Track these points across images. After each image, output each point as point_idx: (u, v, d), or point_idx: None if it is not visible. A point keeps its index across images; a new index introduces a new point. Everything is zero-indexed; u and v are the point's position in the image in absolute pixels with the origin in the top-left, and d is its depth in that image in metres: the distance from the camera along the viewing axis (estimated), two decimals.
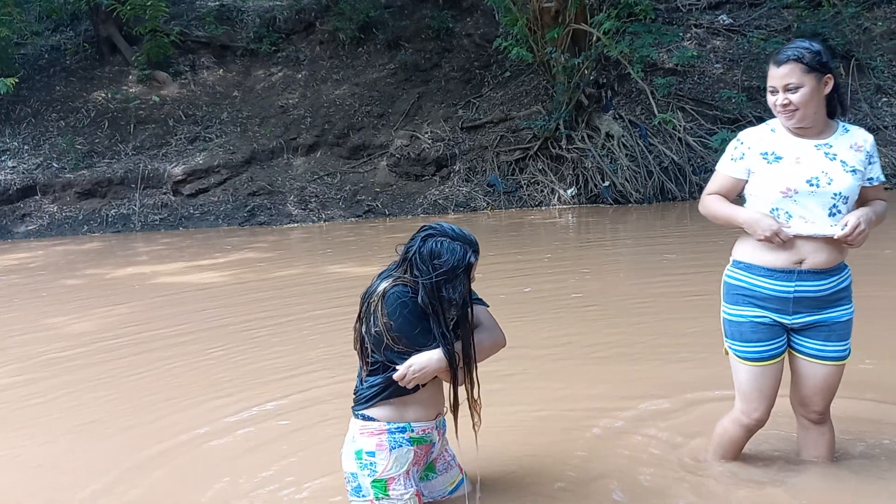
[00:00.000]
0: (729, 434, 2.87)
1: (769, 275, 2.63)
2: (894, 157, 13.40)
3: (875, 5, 15.80)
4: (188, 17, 19.28)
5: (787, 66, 2.54)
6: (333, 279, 7.97)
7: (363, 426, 2.57)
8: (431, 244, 2.49)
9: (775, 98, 2.61)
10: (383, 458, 2.53)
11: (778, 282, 2.63)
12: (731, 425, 2.85)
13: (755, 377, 2.70)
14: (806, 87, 2.53)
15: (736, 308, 2.72)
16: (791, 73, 2.54)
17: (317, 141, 16.43)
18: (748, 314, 2.68)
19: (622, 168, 13.87)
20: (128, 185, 15.75)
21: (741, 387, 2.75)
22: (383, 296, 2.49)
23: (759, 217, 2.59)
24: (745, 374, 2.72)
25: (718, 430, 2.93)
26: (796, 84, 2.54)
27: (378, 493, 2.54)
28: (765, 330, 2.66)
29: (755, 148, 2.70)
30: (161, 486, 3.22)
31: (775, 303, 2.65)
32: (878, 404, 3.50)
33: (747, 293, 2.69)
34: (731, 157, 2.72)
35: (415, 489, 2.56)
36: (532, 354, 4.65)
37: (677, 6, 16.84)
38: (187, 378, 4.75)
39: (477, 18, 18.19)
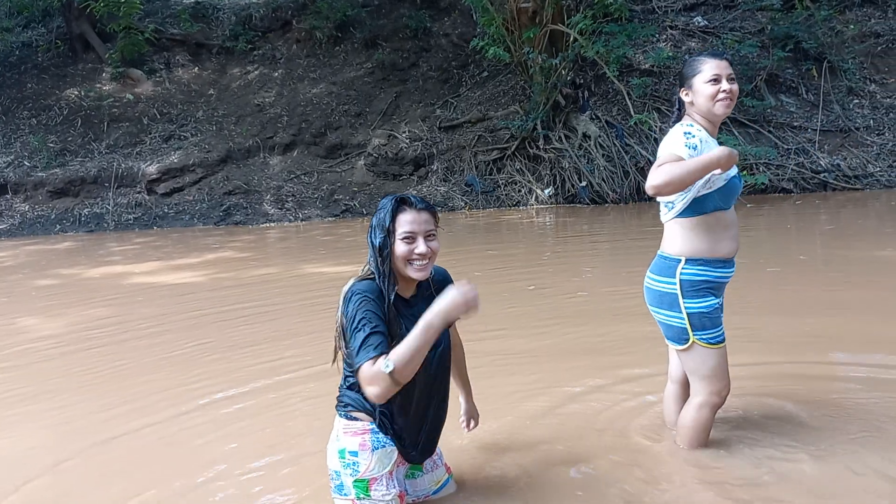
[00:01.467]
0: (704, 419, 3.00)
1: (723, 265, 2.88)
2: (865, 158, 13.60)
3: (847, 8, 16.03)
4: (163, 15, 19.11)
5: (727, 60, 2.87)
6: (311, 279, 7.93)
7: (346, 425, 2.55)
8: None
9: (719, 86, 2.82)
10: (366, 458, 2.51)
11: (729, 269, 2.91)
12: (704, 411, 2.99)
13: (724, 358, 2.93)
14: (737, 84, 2.87)
15: (704, 301, 2.86)
16: (730, 67, 2.87)
17: (293, 140, 16.35)
18: (712, 302, 2.88)
19: (599, 168, 13.95)
20: (101, 183, 15.56)
21: (714, 371, 2.92)
22: (345, 292, 2.52)
23: (723, 149, 2.68)
24: (718, 358, 2.91)
25: (689, 421, 3.02)
26: (734, 77, 2.86)
27: (360, 493, 2.51)
28: (720, 312, 2.94)
29: (707, 142, 2.83)
30: (117, 466, 3.19)
31: (722, 288, 2.94)
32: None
33: (710, 286, 2.87)
34: (686, 143, 2.76)
35: (397, 490, 2.54)
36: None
37: (653, 7, 16.97)
38: (159, 372, 4.71)
39: (454, 18, 18.21)
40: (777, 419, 3.35)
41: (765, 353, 4.26)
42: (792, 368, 4.02)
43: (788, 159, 13.64)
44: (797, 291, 5.93)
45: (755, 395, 3.62)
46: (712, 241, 2.83)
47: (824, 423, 3.27)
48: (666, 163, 2.66)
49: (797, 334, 4.67)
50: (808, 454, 2.97)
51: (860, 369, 4.03)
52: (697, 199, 2.82)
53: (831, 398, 3.58)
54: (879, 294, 5.59)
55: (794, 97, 14.84)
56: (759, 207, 11.77)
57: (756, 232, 9.30)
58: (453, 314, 2.28)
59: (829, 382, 3.89)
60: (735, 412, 3.42)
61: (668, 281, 2.88)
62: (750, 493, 2.73)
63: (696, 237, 2.84)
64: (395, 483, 2.55)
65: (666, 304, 2.91)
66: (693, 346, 2.88)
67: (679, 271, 2.86)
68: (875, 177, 13.30)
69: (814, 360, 4.17)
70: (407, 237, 2.47)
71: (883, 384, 3.71)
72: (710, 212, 2.83)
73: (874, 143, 13.84)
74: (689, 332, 2.87)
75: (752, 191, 12.93)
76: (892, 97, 14.65)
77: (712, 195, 2.81)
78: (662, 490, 2.82)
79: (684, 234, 2.88)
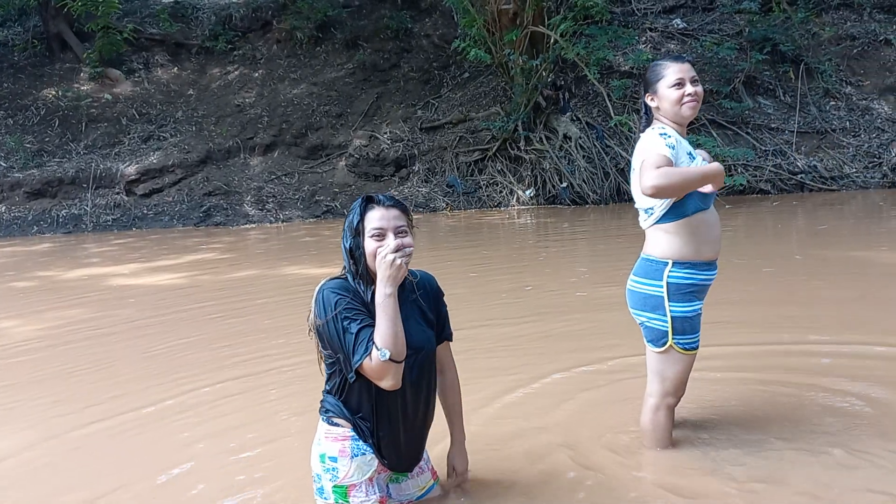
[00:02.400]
0: (662, 420, 3.05)
1: (708, 268, 2.90)
2: (842, 160, 13.78)
3: (823, 11, 16.23)
4: (142, 14, 18.96)
5: (688, 63, 2.90)
6: (291, 280, 7.90)
7: (328, 430, 2.54)
8: None
9: (683, 89, 2.86)
10: (345, 464, 2.50)
11: (712, 272, 2.93)
12: (661, 412, 3.03)
13: (691, 364, 2.97)
14: (700, 85, 2.90)
15: (689, 305, 2.88)
16: (692, 70, 2.89)
17: (274, 140, 16.28)
18: (696, 307, 2.90)
19: (579, 169, 14.02)
20: (79, 184, 15.41)
21: (678, 376, 2.96)
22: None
23: (717, 166, 2.78)
24: (686, 364, 2.95)
25: (649, 423, 3.07)
26: (697, 79, 2.89)
27: (338, 499, 2.51)
28: (700, 318, 2.95)
29: (682, 145, 2.87)
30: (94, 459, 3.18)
31: (706, 291, 2.95)
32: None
33: (695, 289, 2.88)
34: (667, 143, 2.80)
35: (378, 496, 2.52)
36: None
37: (633, 10, 17.08)
38: (137, 370, 4.70)
39: (436, 19, 18.22)
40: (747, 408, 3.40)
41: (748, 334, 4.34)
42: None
43: (766, 160, 13.79)
44: (782, 285, 6.00)
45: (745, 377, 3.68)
46: (698, 244, 2.85)
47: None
48: (661, 165, 2.67)
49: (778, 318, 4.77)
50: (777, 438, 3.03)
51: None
52: (677, 203, 2.84)
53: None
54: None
55: (772, 99, 15.00)
56: (737, 208, 11.89)
57: (734, 232, 9.41)
58: (392, 280, 2.36)
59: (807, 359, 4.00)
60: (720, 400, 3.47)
61: (654, 284, 2.89)
62: (728, 486, 2.77)
63: (681, 240, 2.85)
64: (376, 489, 2.54)
65: (650, 307, 2.91)
66: (669, 349, 2.91)
67: (666, 274, 2.87)
68: (851, 178, 13.48)
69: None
70: (376, 234, 2.44)
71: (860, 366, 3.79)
72: (691, 214, 2.83)
73: (850, 144, 14.03)
74: (668, 336, 2.89)
75: (731, 192, 13.06)
76: (868, 99, 14.85)
77: (692, 197, 2.83)
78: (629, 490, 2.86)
79: (669, 238, 2.88)
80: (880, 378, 3.79)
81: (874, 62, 15.41)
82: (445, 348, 2.75)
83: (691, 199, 2.83)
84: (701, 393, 3.62)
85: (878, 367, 3.97)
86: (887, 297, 5.52)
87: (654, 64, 2.97)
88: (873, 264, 7.02)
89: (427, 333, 2.60)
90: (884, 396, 3.56)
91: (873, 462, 2.90)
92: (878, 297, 5.57)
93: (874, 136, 14.14)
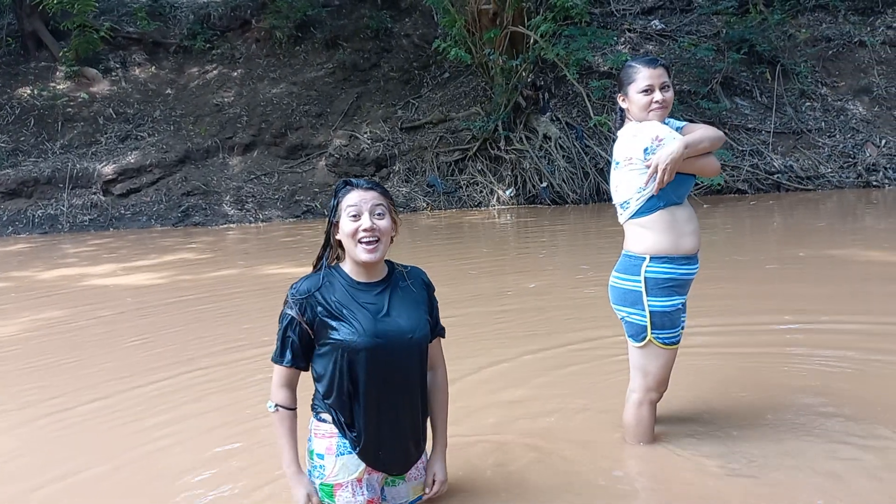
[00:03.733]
0: (645, 416, 3.07)
1: (687, 262, 2.91)
2: (817, 160, 13.95)
3: (799, 13, 16.41)
4: (119, 13, 18.77)
5: (660, 68, 2.92)
6: (271, 280, 7.86)
7: (316, 426, 2.50)
8: None
9: (651, 96, 2.89)
10: (330, 462, 2.45)
11: (692, 266, 2.94)
12: (644, 408, 3.06)
13: (672, 359, 2.99)
14: (671, 89, 2.94)
15: (668, 300, 2.90)
16: (664, 74, 2.92)
17: (253, 140, 16.19)
18: (676, 302, 2.92)
19: (559, 169, 14.08)
20: (55, 184, 15.22)
21: (659, 371, 2.98)
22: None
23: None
24: (666, 358, 2.97)
25: (632, 419, 3.10)
26: (668, 83, 2.92)
27: (325, 497, 2.47)
28: (681, 313, 2.97)
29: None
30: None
31: (687, 286, 2.97)
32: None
33: (674, 284, 2.90)
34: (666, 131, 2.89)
35: (366, 497, 2.45)
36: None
37: (612, 11, 17.17)
38: (112, 371, 4.65)
39: (416, 19, 18.21)
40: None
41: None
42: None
43: (743, 160, 13.93)
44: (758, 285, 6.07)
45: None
46: (675, 237, 2.86)
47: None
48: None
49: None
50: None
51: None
52: (651, 197, 2.87)
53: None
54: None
55: (749, 100, 15.15)
56: (715, 207, 11.99)
57: (712, 231, 9.51)
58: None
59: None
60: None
61: (633, 279, 2.91)
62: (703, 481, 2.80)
63: (658, 234, 2.87)
64: (364, 490, 2.46)
65: (629, 302, 2.94)
66: (648, 344, 2.93)
67: (644, 269, 2.89)
68: (826, 178, 13.65)
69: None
70: (352, 213, 2.43)
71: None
72: (664, 207, 2.86)
73: (825, 144, 14.20)
74: (647, 331, 2.91)
75: (708, 191, 13.19)
76: (843, 100, 15.05)
77: (665, 190, 2.85)
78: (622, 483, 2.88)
79: (645, 232, 2.91)
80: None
81: (849, 63, 15.61)
82: (437, 345, 2.67)
83: (664, 192, 2.85)
84: (680, 386, 3.64)
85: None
86: (867, 291, 5.61)
87: (628, 65, 2.98)
88: (852, 262, 7.11)
89: (421, 318, 2.53)
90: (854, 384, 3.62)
91: (857, 448, 2.94)
92: (858, 291, 5.66)
93: (849, 136, 14.32)
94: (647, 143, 2.82)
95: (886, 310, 5.09)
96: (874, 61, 15.46)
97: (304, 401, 2.55)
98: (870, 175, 13.63)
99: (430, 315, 2.61)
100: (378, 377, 2.42)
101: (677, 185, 2.86)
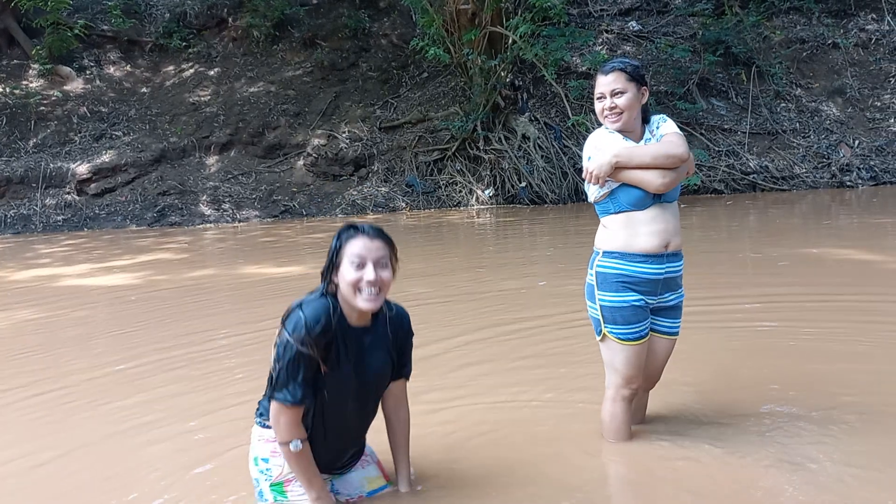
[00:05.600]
0: (619, 412, 3.07)
1: (644, 260, 2.88)
2: (792, 160, 14.12)
3: (774, 15, 16.61)
4: (93, 10, 18.54)
5: (612, 74, 2.87)
6: (249, 281, 7.80)
7: (261, 434, 2.58)
8: None
9: (603, 104, 2.90)
10: (278, 463, 2.55)
11: (652, 266, 2.89)
12: (619, 404, 3.05)
13: (636, 355, 2.95)
14: (629, 93, 2.86)
15: (617, 295, 2.90)
16: (616, 80, 2.87)
17: (230, 139, 16.07)
18: (629, 299, 2.90)
19: (538, 169, 14.13)
20: (28, 184, 15.01)
21: (621, 366, 2.97)
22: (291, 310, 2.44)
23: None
24: (625, 354, 2.94)
25: (607, 415, 3.10)
26: (621, 89, 2.86)
27: (277, 496, 2.57)
28: (641, 312, 2.91)
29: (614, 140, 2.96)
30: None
31: (648, 285, 2.90)
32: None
33: (625, 280, 2.90)
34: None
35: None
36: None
37: (589, 12, 17.28)
38: (87, 373, 4.59)
39: (394, 19, 18.18)
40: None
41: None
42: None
43: (720, 161, 14.07)
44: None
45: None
46: (628, 236, 2.88)
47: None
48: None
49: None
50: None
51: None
52: (606, 201, 2.93)
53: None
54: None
55: (725, 101, 15.31)
56: (692, 207, 12.10)
57: (689, 230, 9.59)
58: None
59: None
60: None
61: (590, 273, 2.99)
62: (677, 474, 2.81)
63: (612, 232, 2.93)
64: None
65: (588, 295, 3.01)
66: (605, 338, 2.96)
67: (595, 263, 2.96)
68: (801, 178, 13.83)
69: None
70: (356, 261, 2.38)
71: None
72: (615, 213, 2.92)
73: (800, 145, 14.39)
74: (601, 324, 2.94)
75: (686, 191, 13.29)
76: (817, 101, 15.25)
77: (617, 198, 2.90)
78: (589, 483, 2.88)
79: (603, 229, 2.99)
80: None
81: (823, 65, 15.83)
82: (401, 385, 2.71)
83: (616, 199, 2.91)
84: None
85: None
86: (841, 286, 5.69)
87: (599, 69, 3.02)
88: (826, 261, 7.21)
89: (386, 364, 2.59)
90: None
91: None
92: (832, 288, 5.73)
93: (823, 137, 14.52)
94: (589, 152, 2.92)
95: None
96: (847, 63, 15.70)
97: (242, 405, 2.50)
98: (843, 175, 13.83)
99: (399, 358, 2.65)
100: (338, 407, 2.51)
101: (626, 193, 2.89)
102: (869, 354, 4.16)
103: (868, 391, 3.57)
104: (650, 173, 2.84)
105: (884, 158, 14.07)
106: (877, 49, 15.94)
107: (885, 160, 14.04)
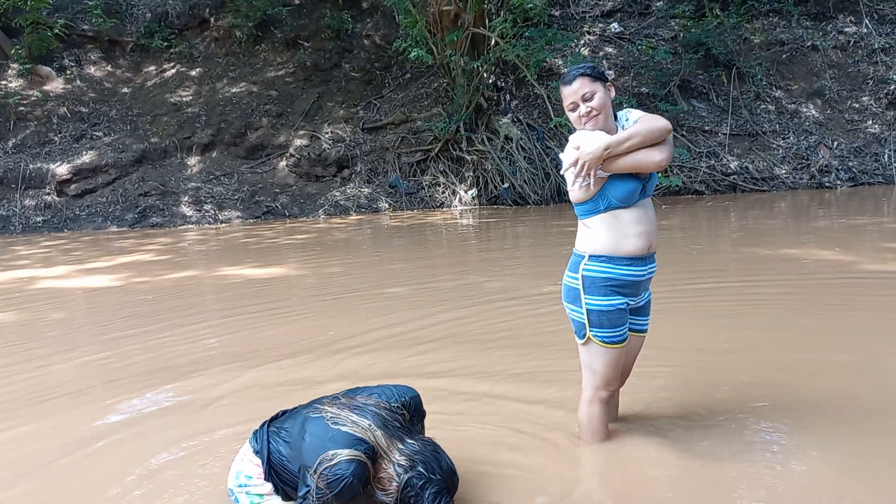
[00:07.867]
0: (596, 413, 3.09)
1: (630, 263, 2.89)
2: (772, 161, 14.25)
3: (754, 17, 16.76)
4: (74, 10, 18.37)
5: (577, 81, 2.87)
6: (231, 282, 7.77)
7: (252, 457, 2.63)
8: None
9: (577, 112, 2.89)
10: (259, 482, 2.60)
11: (637, 268, 2.91)
12: (594, 406, 3.08)
13: (617, 357, 2.97)
14: (599, 92, 2.87)
15: (605, 299, 2.91)
16: (583, 85, 2.86)
17: (212, 140, 15.99)
18: (615, 302, 2.91)
19: (521, 170, 14.17)
20: (7, 185, 14.87)
21: (605, 369, 2.99)
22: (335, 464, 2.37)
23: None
24: (608, 357, 2.96)
25: (584, 417, 3.12)
26: (591, 92, 2.86)
27: (253, 501, 2.62)
28: (625, 314, 2.95)
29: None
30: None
31: (632, 287, 2.94)
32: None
33: (612, 283, 2.90)
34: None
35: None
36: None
37: (571, 13, 17.35)
38: (67, 376, 4.55)
39: (377, 19, 18.17)
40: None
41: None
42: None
43: (700, 162, 14.18)
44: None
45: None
46: (615, 238, 2.87)
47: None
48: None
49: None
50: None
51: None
52: (592, 200, 2.91)
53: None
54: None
55: (706, 102, 15.42)
56: (674, 208, 12.18)
57: (670, 231, 9.65)
58: None
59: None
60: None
61: (573, 276, 2.96)
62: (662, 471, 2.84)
63: (598, 234, 2.91)
64: None
65: (571, 299, 2.98)
66: (589, 341, 2.96)
67: (582, 267, 2.93)
68: (780, 179, 13.96)
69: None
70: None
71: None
72: (604, 210, 2.89)
73: (780, 146, 14.53)
74: (586, 328, 2.95)
75: (667, 192, 13.39)
76: (797, 103, 15.40)
77: (605, 197, 2.89)
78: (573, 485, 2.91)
79: (587, 231, 2.96)
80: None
81: (802, 67, 15.99)
82: None
83: (604, 196, 2.88)
84: (637, 382, 3.68)
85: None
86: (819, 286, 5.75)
87: (561, 79, 2.98)
88: (804, 260, 7.28)
89: None
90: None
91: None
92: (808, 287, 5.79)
93: (802, 138, 14.67)
94: (574, 150, 2.91)
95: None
96: (826, 65, 15.86)
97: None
98: (822, 176, 13.97)
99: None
100: None
101: (615, 188, 2.88)
102: (852, 350, 4.20)
103: (850, 388, 3.61)
104: (647, 151, 2.82)
105: (862, 160, 14.24)
106: (855, 51, 16.12)
107: (863, 161, 14.21)
